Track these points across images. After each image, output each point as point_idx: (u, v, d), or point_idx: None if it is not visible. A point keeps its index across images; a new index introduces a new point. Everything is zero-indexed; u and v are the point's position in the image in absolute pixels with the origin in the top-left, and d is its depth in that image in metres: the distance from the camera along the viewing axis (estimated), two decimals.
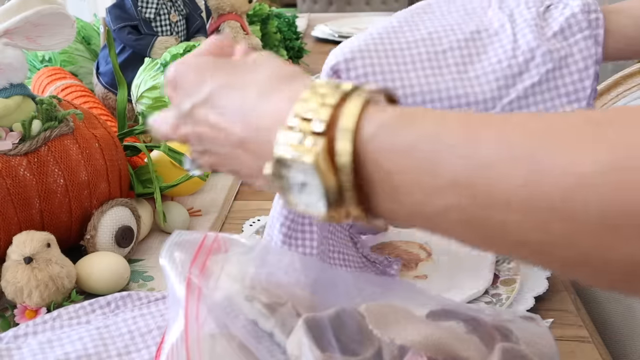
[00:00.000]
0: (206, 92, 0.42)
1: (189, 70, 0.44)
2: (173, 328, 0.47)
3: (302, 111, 0.35)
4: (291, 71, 0.41)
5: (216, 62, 0.44)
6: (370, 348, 0.50)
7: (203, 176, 0.82)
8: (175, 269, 0.49)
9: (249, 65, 0.43)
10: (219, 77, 0.42)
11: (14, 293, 0.64)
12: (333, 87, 0.36)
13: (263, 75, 0.41)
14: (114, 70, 0.90)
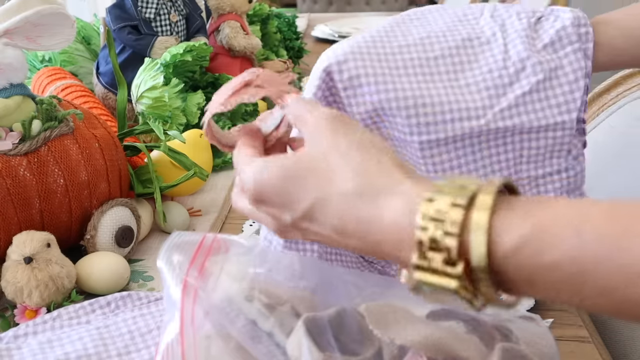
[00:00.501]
0: (302, 209, 0.40)
1: (273, 187, 0.41)
2: (168, 330, 0.47)
3: (429, 227, 0.34)
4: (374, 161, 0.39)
5: (294, 174, 0.40)
6: (371, 348, 0.50)
7: (203, 176, 0.82)
8: (172, 271, 0.49)
9: (331, 166, 0.39)
10: (308, 190, 0.39)
11: (14, 293, 0.64)
12: (457, 188, 0.35)
13: (351, 176, 0.39)
14: (114, 70, 0.90)
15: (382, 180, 0.38)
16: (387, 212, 0.37)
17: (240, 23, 1.22)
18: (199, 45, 0.99)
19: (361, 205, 0.38)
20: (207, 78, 1.03)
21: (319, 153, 0.40)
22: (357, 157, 0.39)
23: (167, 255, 0.50)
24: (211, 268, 0.49)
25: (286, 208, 0.41)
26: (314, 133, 0.41)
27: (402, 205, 0.37)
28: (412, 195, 0.37)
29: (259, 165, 0.42)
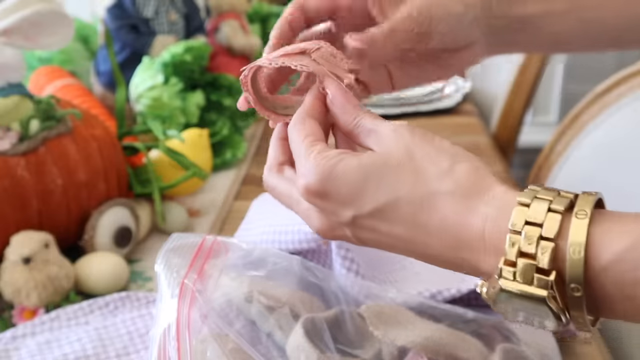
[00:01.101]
0: (373, 206, 0.37)
1: (345, 183, 0.38)
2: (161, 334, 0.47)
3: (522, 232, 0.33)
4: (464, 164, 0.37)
5: (375, 170, 0.38)
6: (370, 349, 0.49)
7: (202, 176, 0.82)
8: (170, 275, 0.49)
9: (417, 166, 0.37)
10: (385, 188, 0.37)
11: (12, 294, 0.64)
12: (554, 195, 0.34)
13: (439, 176, 0.37)
14: (113, 70, 0.89)
15: (473, 182, 0.36)
16: (477, 213, 0.35)
17: (240, 22, 1.22)
18: (198, 45, 0.98)
19: (449, 205, 0.36)
20: (206, 77, 1.02)
21: (401, 154, 0.38)
22: (444, 159, 0.37)
23: (165, 259, 0.50)
24: (210, 271, 0.49)
25: (351, 205, 0.38)
26: (390, 137, 0.39)
27: (494, 208, 0.35)
28: (505, 198, 0.35)
29: (332, 158, 0.38)
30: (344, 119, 0.41)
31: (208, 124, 1.00)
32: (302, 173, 0.39)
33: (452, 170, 0.37)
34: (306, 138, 0.40)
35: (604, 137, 0.91)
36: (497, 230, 0.34)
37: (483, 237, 0.35)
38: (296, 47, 0.43)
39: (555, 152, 0.98)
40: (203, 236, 0.53)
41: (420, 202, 0.36)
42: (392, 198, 0.37)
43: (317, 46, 0.43)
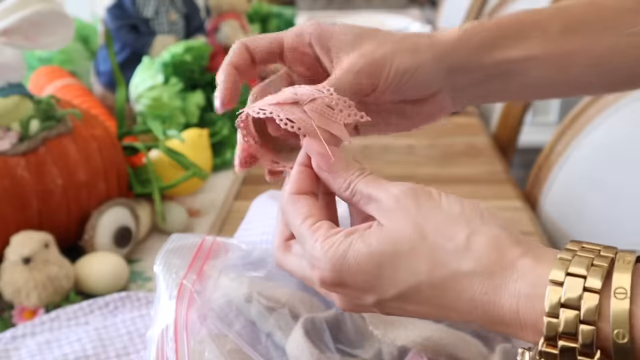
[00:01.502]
0: (396, 292, 0.36)
1: (360, 273, 0.36)
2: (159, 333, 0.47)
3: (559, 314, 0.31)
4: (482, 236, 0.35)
5: (388, 257, 0.35)
6: (370, 349, 0.49)
7: (202, 176, 0.82)
8: (168, 276, 0.49)
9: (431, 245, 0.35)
10: (403, 275, 0.35)
11: (12, 294, 0.64)
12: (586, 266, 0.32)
13: (459, 255, 0.34)
14: (113, 70, 0.89)
15: (495, 259, 0.34)
16: (507, 292, 0.33)
17: (240, 22, 1.22)
18: (199, 45, 0.98)
19: (476, 285, 0.34)
20: (206, 77, 1.02)
21: (411, 233, 0.35)
22: (458, 231, 0.35)
23: (164, 260, 0.50)
24: (210, 271, 0.49)
25: (372, 291, 0.36)
26: (395, 213, 0.36)
27: (525, 286, 0.33)
28: (535, 274, 0.33)
29: (339, 245, 0.36)
30: (336, 185, 0.39)
31: (208, 124, 1.00)
32: (313, 264, 0.37)
33: (469, 245, 0.34)
34: (305, 220, 0.38)
35: (604, 137, 0.91)
36: (532, 311, 0.32)
37: (518, 316, 0.33)
38: (289, 97, 0.40)
39: (555, 152, 0.98)
40: (202, 237, 0.53)
41: (443, 285, 0.35)
42: (413, 283, 0.35)
43: (314, 95, 0.40)
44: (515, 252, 0.34)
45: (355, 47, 0.45)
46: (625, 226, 0.83)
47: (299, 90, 0.40)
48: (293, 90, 0.41)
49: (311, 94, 0.40)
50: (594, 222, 0.89)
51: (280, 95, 0.40)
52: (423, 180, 1.03)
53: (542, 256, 0.34)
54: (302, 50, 0.46)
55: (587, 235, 0.88)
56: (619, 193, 0.87)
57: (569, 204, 0.94)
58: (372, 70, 0.44)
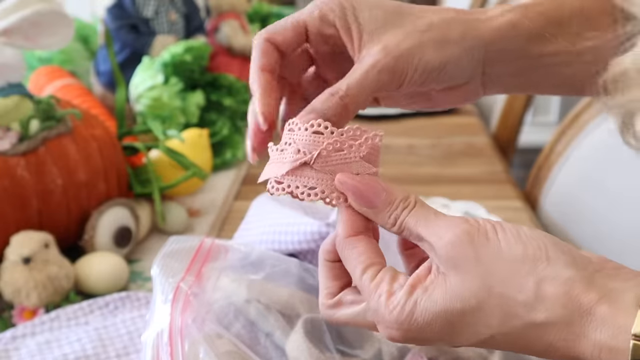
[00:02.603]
0: (469, 343, 0.35)
1: (428, 330, 0.35)
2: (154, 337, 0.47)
3: None
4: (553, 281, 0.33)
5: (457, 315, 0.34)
6: (370, 349, 0.49)
7: (202, 176, 0.82)
8: (164, 280, 0.49)
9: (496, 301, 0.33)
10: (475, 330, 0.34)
11: (11, 294, 0.64)
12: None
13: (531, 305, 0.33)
14: (113, 70, 0.89)
15: (572, 306, 0.32)
16: (587, 341, 0.32)
17: (240, 22, 1.22)
18: (199, 45, 0.98)
19: (552, 334, 0.33)
20: (206, 77, 1.02)
21: (476, 287, 0.34)
22: (526, 281, 0.33)
23: (161, 264, 0.50)
24: (209, 273, 0.49)
25: (444, 342, 0.35)
26: (454, 262, 0.34)
27: (607, 336, 0.31)
28: (615, 327, 0.31)
29: (404, 305, 0.35)
30: (381, 221, 0.37)
31: (208, 124, 1.00)
32: (379, 320, 0.36)
33: (540, 294, 0.32)
34: (366, 272, 0.36)
35: (604, 137, 0.91)
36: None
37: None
38: (295, 160, 0.38)
39: (555, 152, 0.98)
40: (201, 239, 0.53)
41: (518, 335, 0.33)
42: (487, 336, 0.34)
43: (316, 148, 0.38)
44: (591, 298, 0.32)
45: (380, 38, 0.41)
46: (625, 226, 0.83)
47: (300, 146, 0.38)
48: (295, 147, 0.38)
49: (313, 147, 0.38)
50: (593, 222, 0.89)
51: (287, 159, 0.38)
52: (423, 180, 1.03)
53: (619, 300, 0.32)
54: (327, 32, 0.42)
55: (586, 235, 0.88)
56: (619, 193, 0.87)
57: (569, 204, 0.94)
58: (396, 69, 0.41)
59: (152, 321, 0.48)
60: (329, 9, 0.42)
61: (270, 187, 0.39)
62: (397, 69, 0.41)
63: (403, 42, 0.41)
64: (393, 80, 0.41)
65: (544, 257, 0.33)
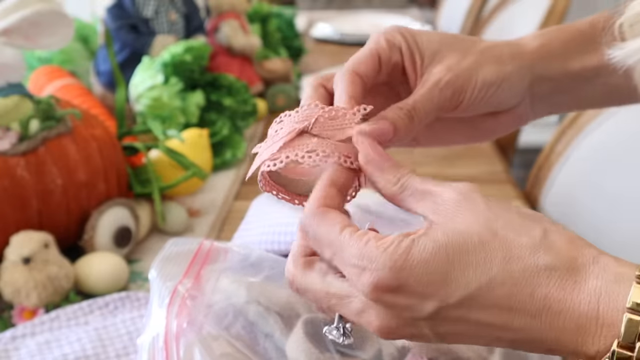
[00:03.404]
0: (463, 294, 0.32)
1: (423, 269, 0.32)
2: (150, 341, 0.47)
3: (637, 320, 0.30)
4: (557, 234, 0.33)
5: (458, 251, 0.32)
6: (370, 350, 0.49)
7: (202, 176, 0.82)
8: (162, 284, 0.49)
9: (505, 240, 0.32)
10: (474, 271, 0.32)
11: (11, 294, 0.64)
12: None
13: (535, 249, 0.32)
14: (112, 70, 0.89)
15: (574, 255, 0.32)
16: (586, 288, 0.31)
17: (240, 22, 1.22)
18: (199, 45, 0.98)
19: (553, 280, 0.32)
20: (206, 77, 1.02)
21: (481, 227, 0.33)
22: (533, 228, 0.33)
23: (159, 267, 0.50)
24: (207, 276, 0.49)
25: (435, 295, 0.32)
26: (460, 205, 0.33)
27: (608, 282, 0.31)
28: (619, 271, 0.31)
29: (400, 242, 0.32)
30: (384, 180, 0.36)
31: (208, 124, 1.00)
32: (364, 266, 0.32)
33: (546, 240, 0.32)
34: (345, 229, 0.34)
35: (604, 138, 0.91)
36: (615, 307, 0.30)
37: (597, 314, 0.31)
38: (292, 130, 0.37)
39: (556, 152, 0.98)
40: (199, 242, 0.53)
41: (517, 281, 0.32)
42: (485, 281, 0.32)
43: (313, 114, 0.38)
44: (594, 251, 0.33)
45: (441, 59, 0.44)
46: (625, 226, 0.83)
47: (294, 122, 0.38)
48: (288, 125, 0.38)
49: (307, 118, 0.37)
50: (593, 222, 0.89)
51: (281, 133, 0.38)
52: None
53: (619, 259, 0.32)
54: (394, 59, 0.45)
55: (586, 235, 0.88)
56: (618, 193, 0.87)
57: (569, 204, 0.94)
58: (458, 84, 0.43)
59: (148, 325, 0.48)
60: (392, 37, 0.45)
61: (265, 167, 0.37)
62: (458, 85, 0.43)
63: (463, 61, 0.44)
64: (454, 96, 0.43)
65: (549, 220, 0.34)
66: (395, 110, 0.42)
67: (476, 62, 0.44)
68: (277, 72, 1.27)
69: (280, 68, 1.28)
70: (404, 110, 0.42)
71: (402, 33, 0.45)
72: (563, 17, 1.37)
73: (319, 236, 0.35)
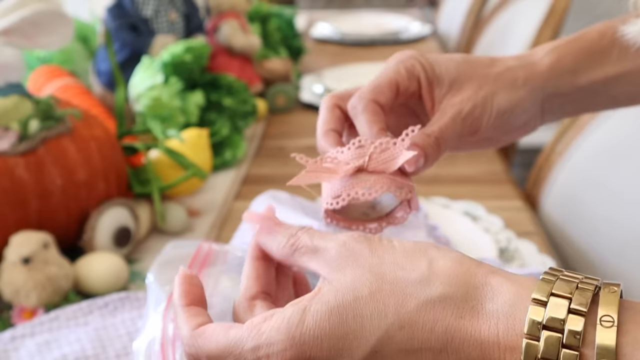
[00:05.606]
0: (365, 349, 0.31)
1: (321, 336, 0.31)
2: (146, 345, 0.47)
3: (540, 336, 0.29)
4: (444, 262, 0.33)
5: (350, 308, 0.32)
6: None
7: (202, 176, 0.82)
8: (159, 289, 0.49)
9: (389, 287, 0.32)
10: (370, 325, 0.31)
11: (11, 294, 0.63)
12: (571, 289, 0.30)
13: (427, 282, 0.32)
14: (112, 70, 0.89)
15: (466, 277, 0.32)
16: (484, 314, 0.31)
17: (240, 22, 1.22)
18: (198, 45, 0.98)
19: (449, 311, 0.31)
20: (206, 77, 1.02)
21: (367, 277, 0.32)
22: (418, 261, 0.32)
23: (156, 272, 0.50)
24: (206, 279, 0.49)
25: (341, 358, 0.31)
26: (346, 258, 0.33)
27: (503, 306, 0.30)
28: (511, 294, 0.31)
29: (291, 315, 0.32)
30: (275, 244, 0.36)
31: (208, 124, 1.00)
32: (268, 354, 0.32)
33: (433, 271, 0.32)
34: (228, 331, 0.33)
35: (605, 138, 0.91)
36: (513, 332, 0.30)
37: (497, 340, 0.30)
38: (346, 168, 0.40)
39: (556, 152, 0.98)
40: (198, 245, 0.53)
41: (415, 321, 0.31)
42: (383, 330, 0.31)
43: (364, 153, 0.41)
44: (483, 270, 0.32)
45: (459, 88, 0.47)
46: (625, 226, 0.83)
47: (348, 159, 0.41)
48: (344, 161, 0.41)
49: (360, 156, 0.40)
50: (594, 222, 0.89)
51: (340, 171, 0.40)
52: (423, 180, 1.03)
53: (512, 276, 0.32)
54: (412, 89, 0.47)
55: (586, 235, 0.88)
56: (619, 193, 0.86)
57: (569, 204, 0.94)
58: (475, 114, 0.46)
59: (144, 329, 0.48)
60: (412, 66, 0.47)
61: (329, 205, 0.41)
62: (476, 114, 0.46)
63: (480, 91, 0.47)
64: (473, 125, 0.47)
65: (434, 248, 0.34)
66: (424, 138, 0.44)
67: (491, 91, 0.47)
68: (277, 72, 1.27)
69: (280, 68, 1.28)
70: (432, 138, 0.44)
71: (422, 63, 0.47)
72: (563, 17, 1.37)
73: (212, 354, 0.33)
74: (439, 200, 0.86)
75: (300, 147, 1.10)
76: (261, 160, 1.05)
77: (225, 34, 1.19)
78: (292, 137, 1.14)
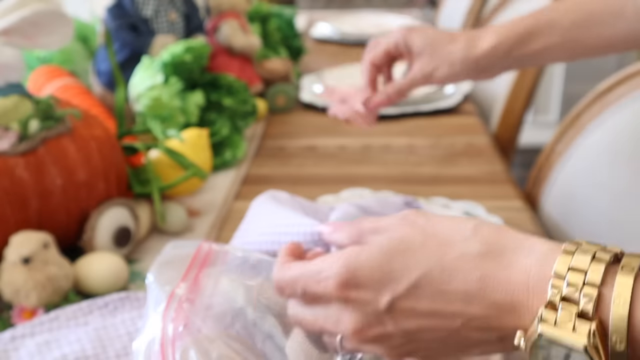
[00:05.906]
0: (408, 283, 0.37)
1: (372, 266, 0.38)
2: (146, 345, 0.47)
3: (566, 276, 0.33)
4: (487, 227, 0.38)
5: (399, 250, 0.38)
6: None
7: (202, 176, 0.82)
8: (159, 289, 0.48)
9: (441, 236, 0.38)
10: (414, 264, 0.38)
11: (11, 294, 0.63)
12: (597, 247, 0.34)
13: (468, 240, 0.38)
14: (112, 70, 0.89)
15: (503, 242, 0.37)
16: (517, 267, 0.35)
17: (240, 22, 1.22)
18: (198, 45, 0.98)
19: (486, 264, 0.36)
20: (206, 77, 1.02)
21: (420, 235, 0.39)
22: (464, 227, 0.38)
23: (157, 272, 0.49)
24: (206, 279, 0.49)
25: (387, 287, 0.38)
26: (403, 224, 0.40)
27: (536, 260, 0.35)
28: (545, 249, 0.35)
29: (350, 252, 0.39)
30: (343, 235, 0.44)
31: (208, 124, 1.00)
32: (327, 276, 0.39)
33: (476, 233, 0.38)
34: (298, 264, 0.43)
35: (605, 138, 0.91)
36: (543, 278, 0.34)
37: (527, 288, 0.34)
38: None
39: (556, 152, 0.98)
40: (198, 245, 0.53)
41: (453, 267, 0.36)
42: (424, 270, 0.37)
43: None
44: (521, 235, 0.37)
45: (418, 59, 0.75)
46: (626, 227, 0.83)
47: None
48: None
49: None
50: (594, 222, 0.88)
51: None
52: (423, 180, 1.03)
53: (546, 241, 0.36)
54: (395, 53, 0.79)
55: (587, 235, 0.88)
56: (619, 193, 0.86)
57: (569, 204, 0.94)
58: (425, 77, 0.76)
59: (145, 329, 0.48)
60: (398, 39, 0.77)
61: None
62: (426, 77, 0.76)
63: (430, 64, 0.75)
64: (426, 82, 0.77)
65: (484, 220, 0.40)
66: (394, 86, 0.79)
67: (436, 65, 0.74)
68: (277, 72, 1.27)
69: (280, 68, 1.28)
70: (396, 88, 0.79)
71: (405, 38, 0.76)
72: None
73: (284, 283, 0.43)
74: (439, 200, 0.86)
75: (300, 147, 1.10)
76: (261, 160, 1.05)
77: (225, 34, 1.19)
78: (292, 137, 1.15)
